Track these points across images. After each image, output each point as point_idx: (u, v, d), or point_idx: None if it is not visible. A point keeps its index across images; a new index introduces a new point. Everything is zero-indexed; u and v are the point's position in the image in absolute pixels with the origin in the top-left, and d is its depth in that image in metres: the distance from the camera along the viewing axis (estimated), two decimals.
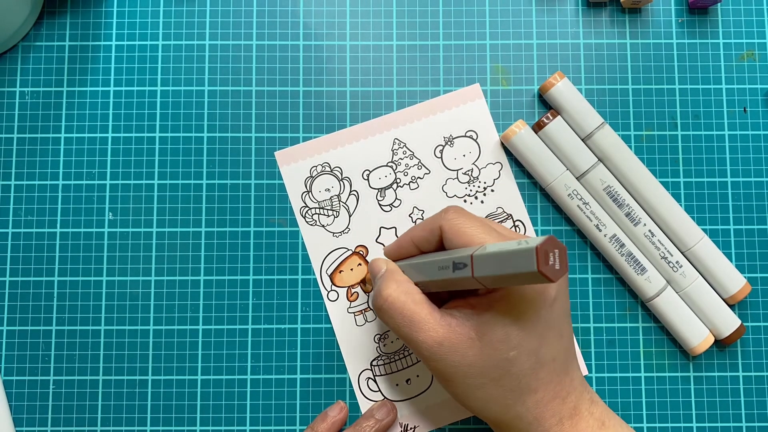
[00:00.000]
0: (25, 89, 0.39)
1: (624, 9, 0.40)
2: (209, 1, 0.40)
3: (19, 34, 0.39)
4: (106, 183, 0.39)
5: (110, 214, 0.38)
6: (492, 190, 0.39)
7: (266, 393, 0.38)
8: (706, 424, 0.38)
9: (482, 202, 0.39)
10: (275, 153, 0.39)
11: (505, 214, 0.39)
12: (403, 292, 0.31)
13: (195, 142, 0.39)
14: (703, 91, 0.39)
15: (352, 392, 0.38)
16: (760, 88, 0.39)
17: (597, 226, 0.37)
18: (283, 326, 0.38)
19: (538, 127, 0.38)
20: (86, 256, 0.38)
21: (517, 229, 0.39)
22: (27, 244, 0.38)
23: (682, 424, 0.38)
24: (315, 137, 0.39)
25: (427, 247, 0.33)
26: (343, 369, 0.38)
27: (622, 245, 0.37)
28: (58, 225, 0.38)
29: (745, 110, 0.39)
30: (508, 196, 0.39)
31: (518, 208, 0.39)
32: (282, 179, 0.39)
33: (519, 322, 0.29)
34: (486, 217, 0.39)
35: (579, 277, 0.38)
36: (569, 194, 0.37)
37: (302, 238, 0.38)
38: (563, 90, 0.38)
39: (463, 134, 0.39)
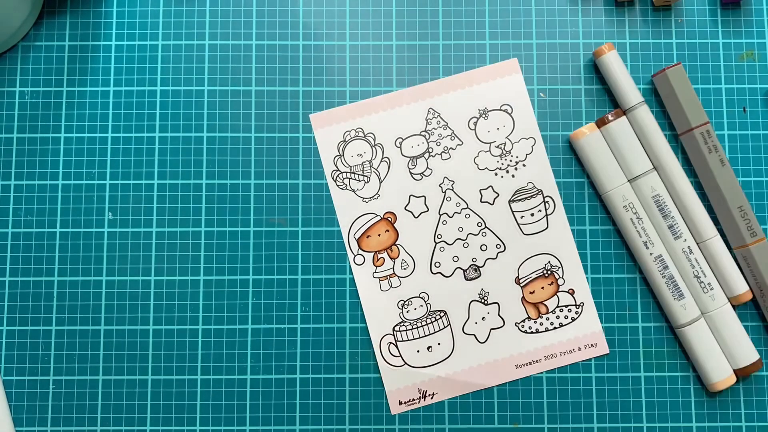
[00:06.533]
0: (25, 89, 0.39)
1: (619, 5, 0.40)
2: (209, 1, 0.40)
3: (19, 34, 0.39)
4: (106, 183, 0.39)
5: (110, 214, 0.38)
6: (524, 165, 0.39)
7: (266, 393, 0.38)
8: (706, 424, 0.38)
9: (513, 176, 0.39)
10: (310, 116, 0.39)
11: (535, 189, 0.39)
12: None
13: (195, 142, 0.39)
14: (703, 91, 0.39)
15: (352, 392, 0.38)
16: (760, 88, 0.39)
17: (645, 244, 0.37)
18: (283, 326, 0.38)
19: (601, 123, 0.38)
20: (86, 256, 0.38)
21: (547, 205, 0.39)
22: (27, 244, 0.38)
23: (681, 424, 0.38)
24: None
25: None
26: (343, 369, 0.38)
27: (666, 267, 0.37)
28: (58, 225, 0.38)
29: (744, 110, 0.39)
30: (540, 171, 0.39)
31: (549, 184, 0.39)
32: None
33: None
34: (516, 191, 0.39)
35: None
36: (624, 206, 0.37)
37: (330, 199, 0.39)
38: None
39: (498, 108, 0.39)
